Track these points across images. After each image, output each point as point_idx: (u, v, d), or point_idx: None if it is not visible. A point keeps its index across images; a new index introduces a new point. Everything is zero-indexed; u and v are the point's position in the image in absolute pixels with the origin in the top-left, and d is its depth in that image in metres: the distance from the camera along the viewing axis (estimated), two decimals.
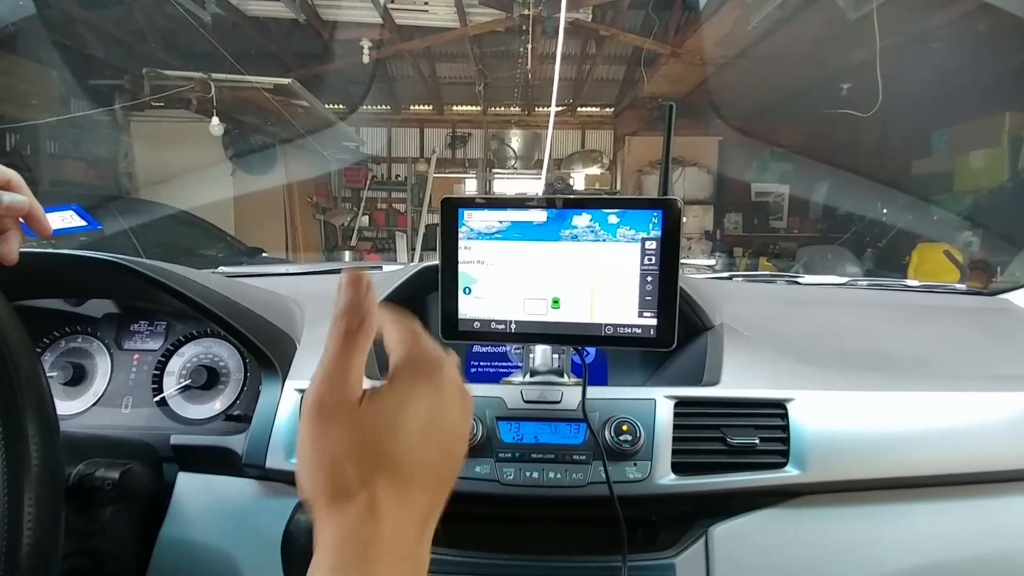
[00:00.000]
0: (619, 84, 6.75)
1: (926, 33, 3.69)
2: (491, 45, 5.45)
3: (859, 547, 0.66)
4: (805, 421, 0.67)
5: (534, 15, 4.18)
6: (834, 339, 0.85)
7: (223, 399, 0.79)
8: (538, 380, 0.70)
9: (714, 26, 4.13)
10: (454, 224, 0.65)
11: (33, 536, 0.38)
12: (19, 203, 0.50)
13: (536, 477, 0.64)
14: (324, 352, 0.35)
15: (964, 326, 0.93)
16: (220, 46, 3.97)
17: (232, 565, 0.67)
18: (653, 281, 0.62)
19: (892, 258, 4.27)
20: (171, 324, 0.85)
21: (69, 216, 1.13)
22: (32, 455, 0.39)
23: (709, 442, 0.66)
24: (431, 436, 0.35)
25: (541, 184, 7.00)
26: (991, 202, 3.91)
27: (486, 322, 0.66)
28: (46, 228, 0.53)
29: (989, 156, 4.20)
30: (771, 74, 4.91)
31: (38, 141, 4.44)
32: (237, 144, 5.46)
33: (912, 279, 1.31)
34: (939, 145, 4.83)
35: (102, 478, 0.57)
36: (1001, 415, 0.70)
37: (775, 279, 1.23)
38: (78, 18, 4.00)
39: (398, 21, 4.61)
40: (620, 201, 0.62)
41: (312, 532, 0.32)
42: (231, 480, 0.71)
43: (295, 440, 0.68)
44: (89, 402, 0.80)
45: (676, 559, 0.65)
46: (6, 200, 0.49)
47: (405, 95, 7.15)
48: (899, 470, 0.67)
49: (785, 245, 6.37)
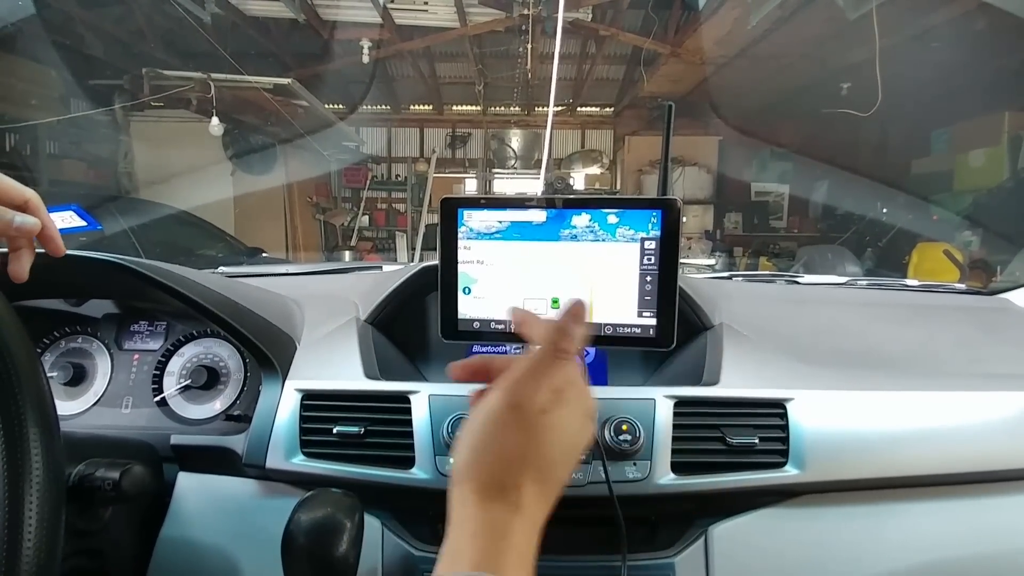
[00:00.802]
0: (619, 84, 6.75)
1: (925, 32, 3.69)
2: (491, 45, 5.45)
3: (858, 546, 0.66)
4: (804, 421, 0.67)
5: (534, 15, 4.18)
6: (834, 339, 0.85)
7: (223, 399, 0.79)
8: None
9: (714, 26, 4.13)
10: (454, 224, 0.65)
11: (34, 536, 0.38)
12: (30, 225, 0.50)
13: None
14: (529, 357, 0.42)
15: (964, 325, 0.93)
16: (220, 46, 3.97)
17: (232, 565, 0.67)
18: (652, 281, 0.62)
19: (892, 257, 4.27)
20: (171, 324, 0.85)
21: (69, 216, 1.13)
22: (33, 455, 0.39)
23: (708, 442, 0.67)
24: (571, 450, 0.41)
25: (541, 184, 7.00)
26: (991, 201, 3.91)
27: (486, 322, 0.66)
28: (59, 249, 0.54)
29: (989, 155, 4.20)
30: (771, 74, 4.91)
31: (38, 141, 4.44)
32: (237, 144, 5.46)
33: (912, 279, 1.31)
34: (939, 144, 4.83)
35: (102, 478, 0.57)
36: (1000, 414, 0.70)
37: (775, 279, 1.23)
38: (78, 18, 4.00)
39: (398, 21, 4.61)
40: (619, 201, 0.62)
41: (311, 532, 0.32)
42: (231, 480, 0.71)
43: (296, 439, 0.68)
44: (89, 402, 0.80)
45: (676, 559, 0.65)
46: (17, 221, 0.49)
47: (405, 95, 7.14)
48: (898, 469, 0.67)
49: (785, 245, 6.37)
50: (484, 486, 0.38)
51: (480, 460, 0.39)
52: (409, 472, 0.66)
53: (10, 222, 0.49)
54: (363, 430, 0.67)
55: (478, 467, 0.38)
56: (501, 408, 0.39)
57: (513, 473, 0.38)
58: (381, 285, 0.90)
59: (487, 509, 0.37)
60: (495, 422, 0.39)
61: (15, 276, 0.51)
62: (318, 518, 0.52)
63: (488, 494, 0.37)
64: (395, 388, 0.70)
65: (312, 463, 0.67)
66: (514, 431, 0.38)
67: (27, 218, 0.50)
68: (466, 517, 0.37)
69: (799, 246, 5.59)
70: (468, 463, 0.39)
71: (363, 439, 0.67)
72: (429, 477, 0.65)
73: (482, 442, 0.39)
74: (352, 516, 0.54)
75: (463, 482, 0.38)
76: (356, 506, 0.55)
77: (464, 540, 0.36)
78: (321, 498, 0.54)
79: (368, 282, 0.97)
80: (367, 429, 0.68)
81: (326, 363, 0.75)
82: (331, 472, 0.67)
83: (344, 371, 0.73)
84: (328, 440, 0.68)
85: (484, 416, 0.40)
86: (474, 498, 0.37)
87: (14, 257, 0.51)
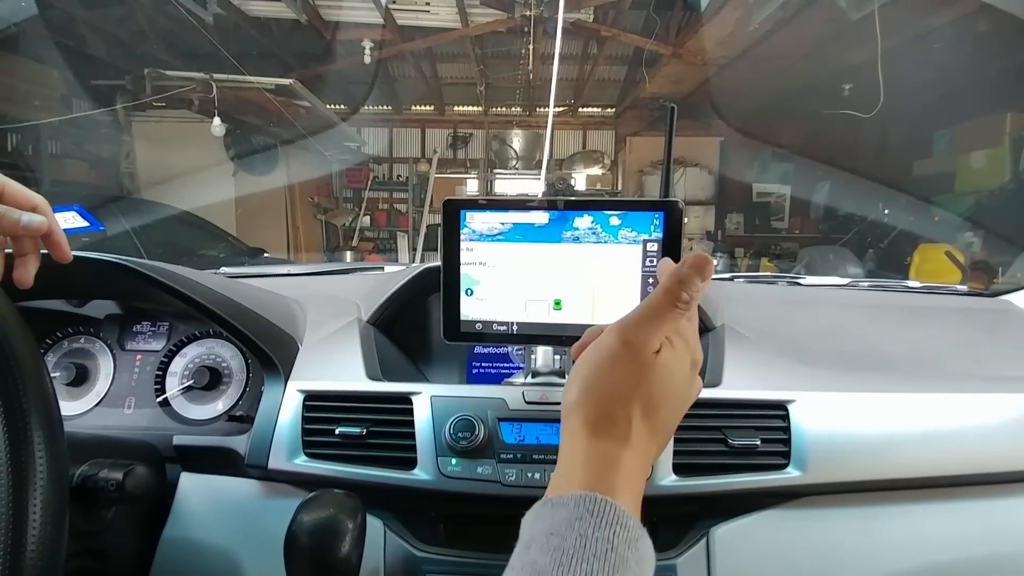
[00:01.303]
0: (620, 84, 6.75)
1: (927, 33, 3.68)
2: (492, 45, 5.45)
3: (860, 548, 0.66)
4: (806, 422, 0.67)
5: (535, 15, 4.18)
6: (835, 340, 0.85)
7: (225, 400, 0.79)
8: (540, 381, 0.70)
9: (715, 27, 4.13)
10: (456, 226, 0.65)
11: (38, 536, 0.38)
12: (37, 223, 0.50)
13: (538, 478, 0.64)
14: (647, 300, 0.41)
15: (965, 327, 0.93)
16: (222, 46, 3.97)
17: (235, 565, 0.67)
18: (655, 283, 0.63)
19: (893, 259, 4.26)
20: (173, 325, 0.85)
21: (72, 217, 1.13)
22: (37, 456, 0.40)
23: (710, 443, 0.67)
24: (680, 397, 0.42)
25: (542, 184, 7.00)
26: (992, 203, 3.90)
27: (488, 323, 0.66)
28: (66, 255, 0.53)
29: (990, 157, 4.20)
30: (772, 75, 4.90)
31: (40, 141, 4.45)
32: (239, 144, 5.47)
33: (913, 280, 1.31)
34: (940, 145, 4.82)
35: (106, 479, 0.57)
36: (1002, 416, 0.70)
37: (776, 280, 1.23)
38: (80, 18, 4.01)
39: (399, 21, 4.62)
40: (621, 203, 0.62)
41: (313, 533, 0.32)
42: (234, 480, 0.72)
43: (298, 440, 0.68)
44: (92, 403, 0.80)
45: (677, 560, 0.65)
46: (24, 220, 0.49)
47: (406, 95, 7.15)
48: (900, 471, 0.67)
49: (786, 246, 6.37)
50: (595, 419, 0.39)
51: (591, 394, 0.39)
52: (411, 473, 0.66)
53: (17, 221, 0.49)
54: (365, 431, 0.67)
55: (588, 401, 0.39)
56: (615, 345, 0.40)
57: (624, 407, 0.38)
58: (383, 286, 0.90)
59: (597, 440, 0.38)
60: (608, 358, 0.39)
61: (20, 282, 0.51)
62: (320, 519, 0.52)
63: (599, 427, 0.38)
64: (397, 389, 0.70)
65: (314, 464, 0.67)
66: (626, 368, 0.39)
67: (34, 217, 0.50)
68: (576, 448, 0.38)
69: (800, 247, 5.58)
70: (579, 396, 0.40)
71: (365, 440, 0.68)
72: (431, 478, 0.65)
73: (594, 376, 0.40)
74: (354, 517, 0.54)
75: (573, 416, 0.39)
76: (358, 507, 0.55)
77: (575, 467, 0.37)
78: (323, 499, 0.55)
79: (370, 283, 0.97)
80: (369, 430, 0.68)
81: (328, 364, 0.75)
82: (333, 473, 0.67)
83: (346, 372, 0.73)
84: (330, 441, 0.68)
85: (597, 353, 0.40)
86: (585, 431, 0.38)
87: (20, 263, 0.51)
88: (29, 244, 0.51)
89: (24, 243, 0.51)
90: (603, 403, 0.39)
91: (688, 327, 0.43)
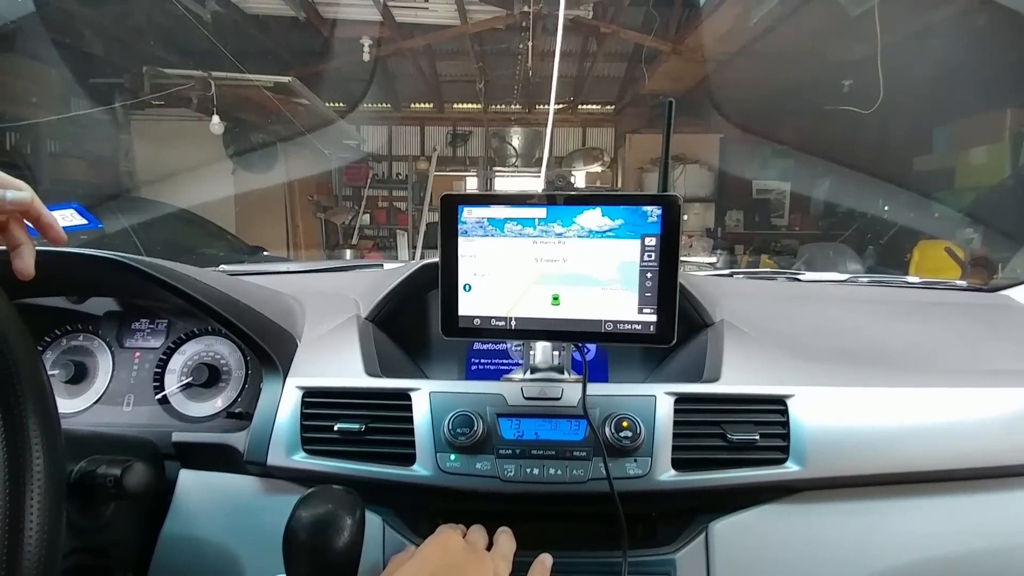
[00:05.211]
0: (620, 81, 6.73)
1: (927, 29, 3.67)
2: (492, 43, 5.43)
3: (859, 542, 0.66)
4: (805, 417, 0.67)
5: (534, 12, 4.17)
6: (834, 336, 0.85)
7: (224, 397, 0.79)
8: (538, 377, 0.70)
9: (715, 23, 4.12)
10: (454, 221, 0.65)
11: (35, 533, 0.38)
12: (21, 199, 0.49)
13: (537, 473, 0.64)
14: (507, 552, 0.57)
15: (965, 322, 0.93)
16: (220, 44, 3.96)
17: (233, 561, 0.67)
18: (653, 278, 0.62)
19: (893, 255, 4.26)
20: (172, 322, 0.85)
21: (70, 214, 1.13)
22: (34, 452, 0.40)
23: (709, 438, 0.67)
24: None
25: (542, 182, 6.99)
26: (992, 199, 3.90)
27: (486, 319, 0.66)
28: (60, 236, 0.52)
29: (990, 152, 4.19)
30: (772, 71, 4.89)
31: (38, 140, 4.43)
32: (238, 142, 5.45)
33: (913, 276, 1.31)
34: (940, 141, 4.81)
35: (104, 475, 0.57)
36: (1001, 411, 0.70)
37: (776, 276, 1.23)
38: (78, 16, 3.99)
39: (398, 19, 4.60)
40: (620, 197, 0.62)
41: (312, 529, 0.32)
42: (232, 477, 0.72)
43: (297, 437, 0.68)
44: (91, 400, 0.80)
45: (676, 555, 0.65)
46: (9, 196, 0.48)
47: (406, 93, 7.13)
48: (899, 466, 0.67)
49: (787, 242, 6.35)
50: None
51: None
52: (410, 469, 0.66)
53: (3, 198, 0.48)
54: (364, 427, 0.67)
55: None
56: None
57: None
58: (382, 283, 0.90)
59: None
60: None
61: (21, 272, 0.50)
62: (319, 514, 0.52)
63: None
64: (396, 385, 0.70)
65: (313, 460, 0.67)
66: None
67: (19, 193, 0.49)
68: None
69: (800, 243, 5.57)
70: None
71: (364, 436, 0.68)
72: (430, 474, 0.65)
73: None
74: (353, 512, 0.54)
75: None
76: (357, 503, 0.55)
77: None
78: (322, 495, 0.55)
79: (369, 280, 0.97)
80: (368, 426, 0.68)
81: (327, 360, 0.75)
82: (332, 469, 0.67)
83: (345, 368, 0.73)
84: (329, 437, 0.68)
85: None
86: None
87: (16, 255, 0.50)
88: (20, 233, 0.50)
89: (14, 233, 0.50)
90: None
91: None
